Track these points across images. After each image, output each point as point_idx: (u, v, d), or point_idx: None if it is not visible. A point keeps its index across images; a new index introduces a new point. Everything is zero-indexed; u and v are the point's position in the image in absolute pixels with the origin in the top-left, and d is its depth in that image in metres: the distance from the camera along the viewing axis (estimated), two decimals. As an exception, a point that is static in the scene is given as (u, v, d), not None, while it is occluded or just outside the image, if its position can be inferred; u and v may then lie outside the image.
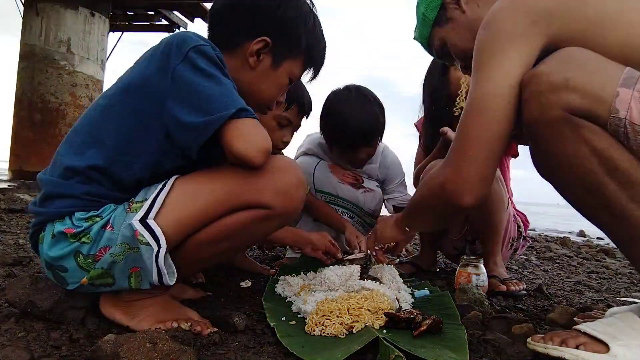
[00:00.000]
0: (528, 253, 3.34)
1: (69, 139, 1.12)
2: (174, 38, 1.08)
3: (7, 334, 1.00)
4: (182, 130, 1.03)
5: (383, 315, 1.15)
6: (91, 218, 1.03)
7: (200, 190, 1.06)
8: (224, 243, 1.11)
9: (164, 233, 1.00)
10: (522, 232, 2.07)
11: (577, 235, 6.45)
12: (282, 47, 1.23)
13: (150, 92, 1.06)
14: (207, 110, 1.00)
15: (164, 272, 1.02)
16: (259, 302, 1.36)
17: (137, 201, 1.05)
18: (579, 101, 0.92)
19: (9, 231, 2.53)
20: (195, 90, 1.02)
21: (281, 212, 1.10)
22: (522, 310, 1.54)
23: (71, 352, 0.94)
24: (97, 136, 1.07)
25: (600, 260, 3.19)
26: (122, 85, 1.10)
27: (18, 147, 7.28)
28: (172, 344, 0.88)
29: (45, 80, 7.22)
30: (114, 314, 1.09)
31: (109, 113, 1.09)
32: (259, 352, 0.99)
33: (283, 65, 1.25)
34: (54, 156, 1.12)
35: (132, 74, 1.11)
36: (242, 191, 1.06)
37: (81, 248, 1.01)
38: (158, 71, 1.06)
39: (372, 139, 1.97)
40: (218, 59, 1.08)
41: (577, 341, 0.95)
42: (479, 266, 1.66)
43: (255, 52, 1.21)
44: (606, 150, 0.92)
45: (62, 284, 1.06)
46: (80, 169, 1.04)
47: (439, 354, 0.96)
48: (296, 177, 1.13)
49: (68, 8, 7.37)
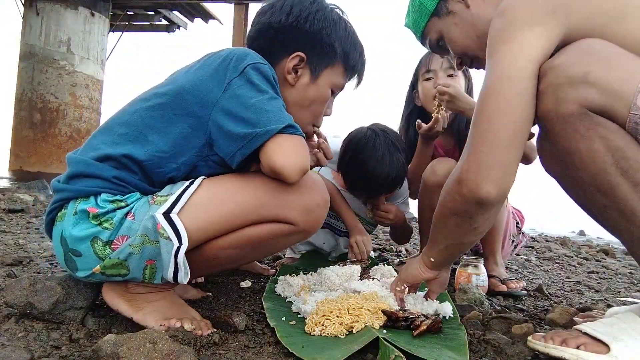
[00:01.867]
0: (528, 253, 3.34)
1: (110, 127, 1.11)
2: (235, 52, 1.11)
3: (7, 334, 1.00)
4: (227, 139, 1.05)
5: (382, 314, 1.15)
6: (116, 201, 1.03)
7: (228, 196, 1.07)
8: (242, 251, 1.12)
9: (186, 230, 1.00)
10: (520, 227, 2.08)
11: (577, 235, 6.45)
12: (317, 59, 1.25)
13: (202, 99, 1.07)
14: (256, 123, 1.02)
15: (181, 269, 1.01)
16: (259, 302, 1.36)
17: (161, 195, 1.05)
18: (597, 97, 0.89)
19: (9, 231, 2.53)
20: (245, 104, 1.05)
21: (304, 229, 1.12)
22: (522, 310, 1.54)
23: (71, 352, 0.94)
24: (141, 131, 1.08)
25: (600, 260, 3.19)
26: (175, 88, 1.11)
27: (18, 147, 7.29)
28: (172, 344, 0.88)
29: (45, 80, 7.23)
30: (119, 304, 1.09)
31: (158, 112, 1.09)
32: (259, 352, 0.99)
33: (322, 77, 1.26)
34: (89, 139, 1.12)
35: (186, 78, 1.12)
36: (270, 205, 1.08)
37: (101, 234, 1.01)
38: (213, 80, 1.08)
39: (395, 187, 1.91)
40: (273, 78, 1.11)
41: (577, 341, 0.95)
42: (479, 266, 1.66)
43: (292, 68, 1.23)
44: (622, 149, 0.89)
45: (72, 269, 1.05)
46: (115, 156, 1.05)
47: (439, 354, 0.96)
48: (322, 196, 1.15)
49: (68, 8, 7.38)
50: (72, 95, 7.37)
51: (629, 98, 0.87)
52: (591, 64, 0.91)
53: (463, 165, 1.03)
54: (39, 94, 7.21)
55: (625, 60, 0.92)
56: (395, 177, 1.81)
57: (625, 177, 0.90)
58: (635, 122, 0.87)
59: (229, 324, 1.10)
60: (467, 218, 1.06)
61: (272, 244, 1.14)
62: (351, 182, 1.92)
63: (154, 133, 1.08)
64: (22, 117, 7.25)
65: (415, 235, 2.57)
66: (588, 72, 0.90)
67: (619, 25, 0.97)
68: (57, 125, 7.31)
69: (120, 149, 1.05)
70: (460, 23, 1.28)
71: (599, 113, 0.90)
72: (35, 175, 6.74)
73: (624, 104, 0.88)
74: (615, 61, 0.92)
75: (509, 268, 2.45)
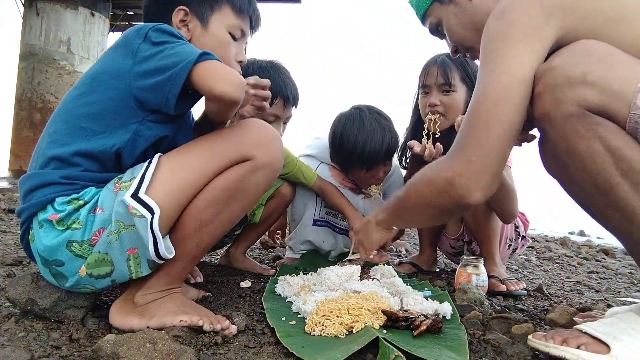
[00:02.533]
0: (528, 253, 3.34)
1: (46, 132, 1.12)
2: (132, 28, 1.14)
3: (7, 334, 1.00)
4: (155, 91, 1.06)
5: (382, 314, 1.15)
6: (72, 201, 1.03)
7: (185, 159, 1.10)
8: (221, 206, 1.12)
9: (156, 203, 1.01)
10: (521, 231, 2.06)
11: (577, 235, 6.45)
12: (200, 7, 1.27)
13: (116, 73, 1.09)
14: (173, 66, 1.03)
15: (160, 242, 1.02)
16: (259, 302, 1.36)
17: (124, 180, 1.06)
18: (596, 97, 0.89)
19: (9, 231, 2.53)
20: (158, 57, 1.06)
21: (265, 161, 1.14)
22: (522, 310, 1.54)
23: (71, 352, 0.94)
24: (73, 122, 1.09)
25: (600, 260, 3.19)
26: (90, 74, 1.14)
27: (18, 147, 7.28)
28: (172, 344, 0.88)
29: (45, 80, 7.23)
30: (131, 322, 1.06)
31: (81, 100, 1.11)
32: (259, 352, 0.99)
33: (212, 23, 1.28)
34: (34, 152, 1.13)
35: (98, 63, 1.15)
36: (223, 148, 1.12)
37: (73, 236, 1.01)
38: (120, 54, 1.11)
39: (392, 154, 1.95)
40: (178, 33, 1.13)
41: (578, 341, 0.95)
42: (479, 266, 1.66)
43: (179, 23, 1.25)
44: (621, 149, 0.89)
45: (60, 283, 1.05)
46: (65, 157, 1.05)
47: (439, 354, 0.96)
48: (271, 130, 1.20)
49: (68, 8, 7.37)
50: (72, 95, 7.36)
51: (628, 98, 0.87)
52: (590, 64, 0.91)
53: (454, 167, 1.06)
54: (39, 94, 7.20)
55: (623, 60, 0.92)
56: (390, 143, 1.90)
57: (625, 177, 0.90)
58: (635, 122, 0.87)
59: (229, 323, 1.10)
60: (447, 214, 1.18)
61: (246, 187, 1.14)
62: (347, 162, 1.96)
63: (85, 119, 1.08)
64: (22, 117, 7.24)
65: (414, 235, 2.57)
66: (587, 73, 0.90)
67: (616, 27, 0.97)
68: (57, 125, 7.30)
69: (68, 147, 1.06)
70: (460, 14, 1.29)
71: (599, 113, 0.90)
72: (35, 175, 6.73)
73: (623, 104, 0.88)
74: (613, 61, 0.92)
75: (509, 268, 2.45)
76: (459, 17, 1.30)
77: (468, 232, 2.04)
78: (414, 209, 1.25)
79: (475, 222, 1.90)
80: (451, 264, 2.41)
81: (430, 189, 1.13)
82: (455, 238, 2.10)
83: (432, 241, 2.16)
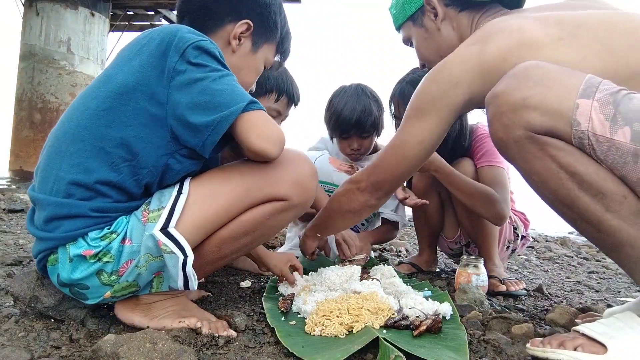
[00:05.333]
0: (528, 253, 3.34)
1: (58, 148, 1.02)
2: (166, 35, 1.02)
3: (7, 334, 1.00)
4: (192, 131, 1.00)
5: (384, 315, 1.15)
6: (106, 236, 0.99)
7: (218, 190, 1.06)
8: (244, 238, 1.12)
9: (186, 240, 0.99)
10: (519, 232, 2.06)
11: (577, 235, 6.45)
12: (261, 31, 1.26)
13: (149, 95, 1.00)
14: (216, 107, 0.98)
15: (191, 280, 1.02)
16: (259, 302, 1.36)
17: (152, 210, 1.01)
18: (539, 119, 0.93)
19: (9, 231, 2.53)
20: (198, 88, 0.99)
21: (298, 202, 1.13)
22: (522, 310, 1.54)
23: (71, 352, 0.94)
24: (98, 144, 0.99)
25: (600, 260, 3.19)
26: (116, 88, 1.01)
27: (18, 147, 7.28)
28: (172, 344, 0.88)
29: (45, 80, 7.23)
30: (133, 318, 1.07)
31: (107, 118, 1.00)
32: (259, 352, 0.99)
33: (261, 50, 1.28)
34: (44, 168, 1.03)
35: (124, 73, 1.02)
36: (259, 186, 1.08)
37: (105, 267, 0.99)
38: (154, 70, 1.00)
39: (363, 127, 2.03)
40: (219, 53, 1.06)
41: (574, 343, 0.95)
42: (479, 266, 1.66)
43: (238, 35, 1.22)
44: (572, 165, 0.92)
45: (80, 299, 1.04)
46: (88, 184, 0.98)
47: (439, 354, 0.96)
48: (309, 167, 1.16)
49: (68, 8, 7.38)
50: (72, 95, 7.36)
51: (568, 115, 0.91)
52: (529, 88, 0.95)
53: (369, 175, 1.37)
54: (39, 94, 7.20)
55: (560, 77, 0.95)
56: (361, 115, 2.01)
57: (583, 190, 0.93)
58: (579, 137, 0.91)
59: (229, 324, 1.10)
60: None
61: (272, 223, 1.13)
62: (328, 126, 2.15)
63: (111, 143, 0.99)
64: (22, 117, 7.24)
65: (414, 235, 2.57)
66: (526, 97, 0.94)
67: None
68: (57, 125, 7.30)
69: (89, 173, 0.98)
70: (429, 39, 1.41)
71: (546, 133, 0.94)
72: (35, 175, 6.73)
73: (565, 122, 0.91)
74: (550, 81, 0.95)
75: (509, 268, 2.45)
76: (427, 41, 1.41)
77: (465, 235, 2.04)
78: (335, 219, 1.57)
79: (471, 224, 1.91)
80: (451, 264, 2.41)
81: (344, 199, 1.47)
82: (452, 241, 2.10)
83: (431, 243, 2.16)
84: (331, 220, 1.55)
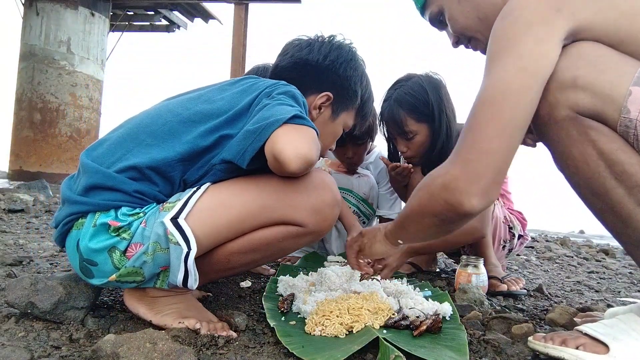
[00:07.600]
0: (528, 253, 3.34)
1: (136, 135, 1.09)
2: (273, 86, 1.16)
3: (7, 334, 1.00)
4: (239, 138, 1.06)
5: (384, 315, 1.15)
6: (136, 214, 1.02)
7: (234, 200, 1.06)
8: (252, 255, 1.12)
9: (194, 235, 1.00)
10: (516, 232, 2.05)
11: (577, 235, 6.45)
12: (341, 100, 1.37)
13: (234, 122, 1.11)
14: (266, 119, 1.02)
15: (191, 275, 1.02)
16: (259, 302, 1.36)
17: (170, 201, 1.05)
18: (588, 100, 0.89)
19: (9, 231, 2.53)
20: (262, 106, 1.08)
21: (314, 230, 1.11)
22: (522, 310, 1.54)
23: (71, 352, 0.94)
24: (170, 141, 1.08)
25: (600, 260, 3.19)
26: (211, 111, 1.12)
27: (18, 147, 7.29)
28: (172, 344, 0.88)
29: (45, 80, 7.24)
30: (138, 308, 1.09)
31: (190, 127, 1.10)
32: (259, 352, 0.99)
33: (340, 117, 1.39)
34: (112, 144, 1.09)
35: (223, 100, 1.15)
36: (277, 207, 1.07)
37: (119, 244, 1.01)
38: (247, 106, 1.13)
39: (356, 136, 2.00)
40: (303, 102, 1.16)
41: (577, 342, 0.95)
42: (479, 266, 1.66)
43: (319, 105, 1.34)
44: (614, 153, 0.88)
45: (87, 277, 1.05)
46: (140, 167, 1.04)
47: (439, 354, 0.96)
48: (332, 196, 1.13)
49: (68, 8, 7.38)
50: (72, 95, 7.37)
51: (619, 101, 0.87)
52: (580, 68, 0.91)
53: (450, 169, 0.97)
54: (39, 94, 7.21)
55: (615, 62, 0.91)
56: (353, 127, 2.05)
57: (619, 181, 0.89)
58: (626, 126, 0.87)
59: (229, 324, 1.10)
60: (447, 223, 1.03)
61: (284, 245, 1.13)
62: None
63: (182, 144, 1.07)
64: (22, 117, 7.25)
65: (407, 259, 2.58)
66: (577, 77, 0.90)
67: (631, 20, 0.94)
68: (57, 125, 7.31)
69: (146, 159, 1.05)
70: (464, 2, 1.20)
71: (591, 117, 0.90)
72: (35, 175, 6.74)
73: (615, 107, 0.87)
74: (604, 64, 0.91)
75: (509, 268, 2.45)
76: (462, 6, 1.21)
77: None
78: (414, 218, 1.12)
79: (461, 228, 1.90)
80: (451, 264, 2.41)
81: (427, 195, 1.03)
82: None
83: None
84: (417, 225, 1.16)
